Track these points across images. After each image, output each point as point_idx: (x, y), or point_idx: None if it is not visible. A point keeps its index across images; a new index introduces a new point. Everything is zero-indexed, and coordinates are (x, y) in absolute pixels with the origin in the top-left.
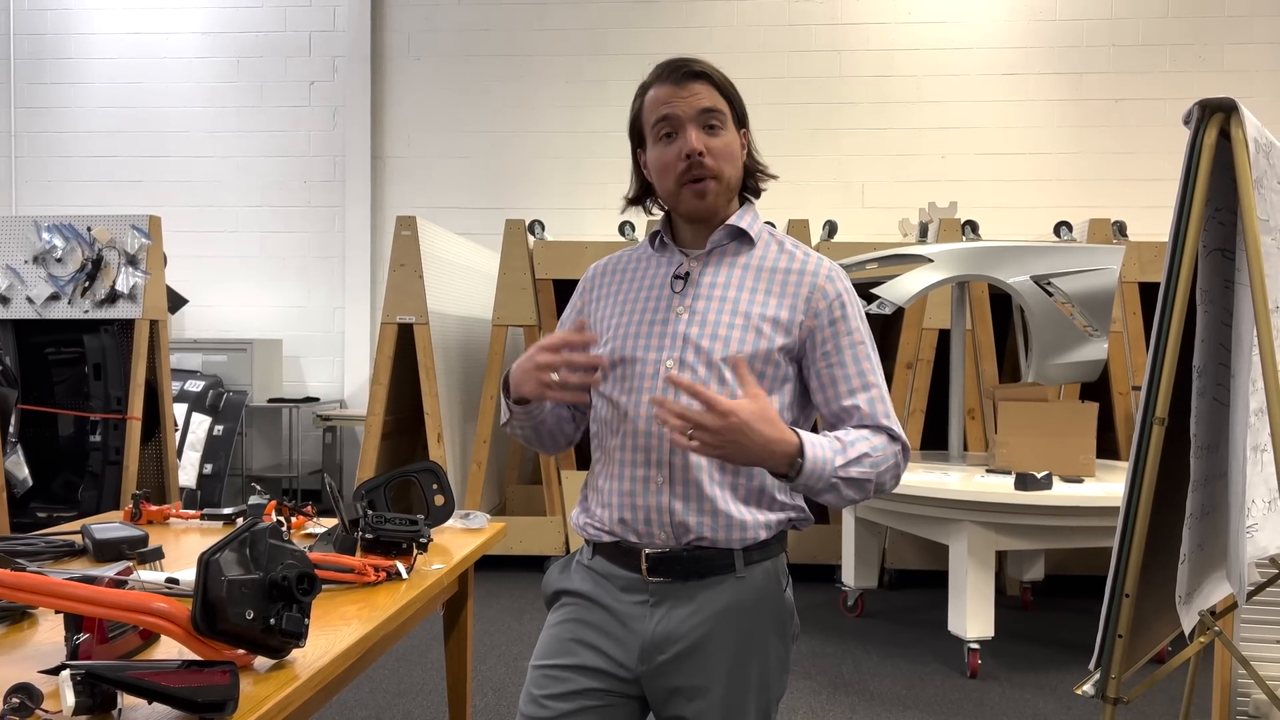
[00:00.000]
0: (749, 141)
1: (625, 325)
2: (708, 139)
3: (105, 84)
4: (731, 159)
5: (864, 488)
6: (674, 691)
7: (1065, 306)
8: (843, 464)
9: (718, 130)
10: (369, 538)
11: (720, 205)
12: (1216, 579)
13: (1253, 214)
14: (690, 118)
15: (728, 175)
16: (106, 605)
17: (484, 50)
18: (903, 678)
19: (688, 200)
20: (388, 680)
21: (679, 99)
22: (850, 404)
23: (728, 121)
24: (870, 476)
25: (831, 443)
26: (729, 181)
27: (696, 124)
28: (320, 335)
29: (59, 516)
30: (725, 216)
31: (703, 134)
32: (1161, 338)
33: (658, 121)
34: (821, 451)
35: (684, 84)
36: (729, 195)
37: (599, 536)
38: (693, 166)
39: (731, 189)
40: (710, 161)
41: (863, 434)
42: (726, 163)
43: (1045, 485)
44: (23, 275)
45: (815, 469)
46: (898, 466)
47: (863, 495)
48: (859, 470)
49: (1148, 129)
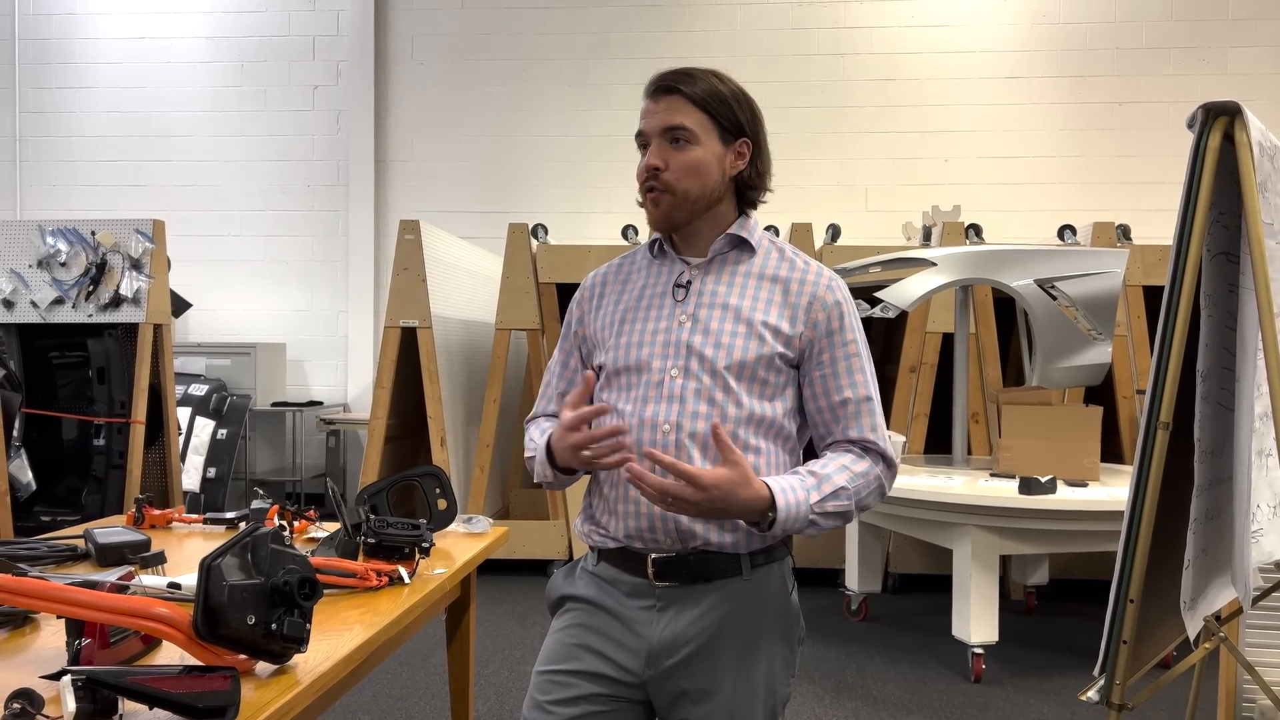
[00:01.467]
0: (749, 151)
1: (627, 334)
2: (671, 154)
3: (109, 88)
4: (694, 173)
5: (843, 518)
6: (681, 695)
7: (1069, 310)
8: (818, 501)
9: (683, 144)
10: (371, 542)
11: (675, 216)
12: (1221, 584)
13: (1257, 218)
14: (655, 133)
15: (684, 188)
16: (108, 610)
17: (487, 54)
18: (906, 682)
19: (647, 210)
20: (390, 685)
21: (650, 113)
22: (840, 414)
23: (699, 137)
24: (848, 508)
25: (804, 480)
26: (687, 195)
27: (662, 139)
28: (323, 339)
29: (62, 520)
30: (723, 225)
31: (665, 148)
32: (1166, 342)
33: (637, 134)
34: (793, 496)
35: (657, 98)
36: (690, 209)
37: (604, 543)
38: (649, 178)
39: (692, 201)
40: (667, 176)
41: (842, 462)
42: (687, 177)
43: (1049, 489)
44: (27, 279)
45: (788, 517)
46: (880, 486)
47: (843, 523)
48: (835, 504)
49: (1151, 132)
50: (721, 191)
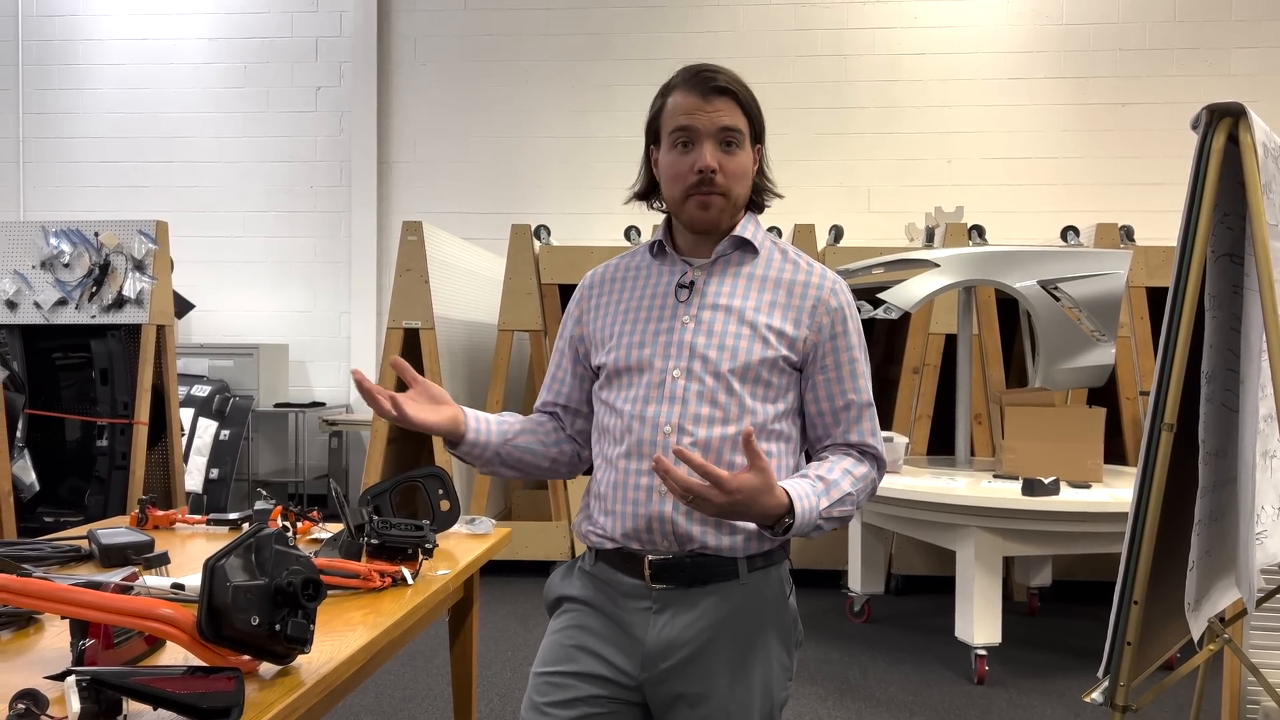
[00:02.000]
0: (761, 157)
1: (629, 334)
2: (723, 157)
3: (113, 90)
4: (743, 178)
5: (843, 522)
6: (677, 698)
7: (1072, 311)
8: (826, 506)
9: (734, 149)
10: (374, 543)
11: (723, 220)
12: (1225, 585)
13: (1261, 219)
14: (710, 134)
15: (736, 193)
16: (112, 611)
17: (489, 56)
18: (909, 684)
19: (691, 210)
20: (393, 686)
21: (702, 112)
22: (842, 418)
23: (745, 141)
24: (850, 512)
25: (814, 486)
26: (736, 199)
27: (715, 140)
28: (326, 340)
29: (66, 521)
30: (730, 228)
31: (719, 151)
32: (1170, 343)
33: (676, 129)
34: (807, 503)
35: (710, 98)
36: (733, 211)
37: (601, 543)
38: (703, 182)
39: (737, 206)
40: (721, 179)
41: (845, 465)
42: (737, 181)
43: (1053, 491)
44: (30, 280)
45: (801, 524)
46: (874, 487)
47: (840, 526)
48: (841, 510)
49: (1155, 133)
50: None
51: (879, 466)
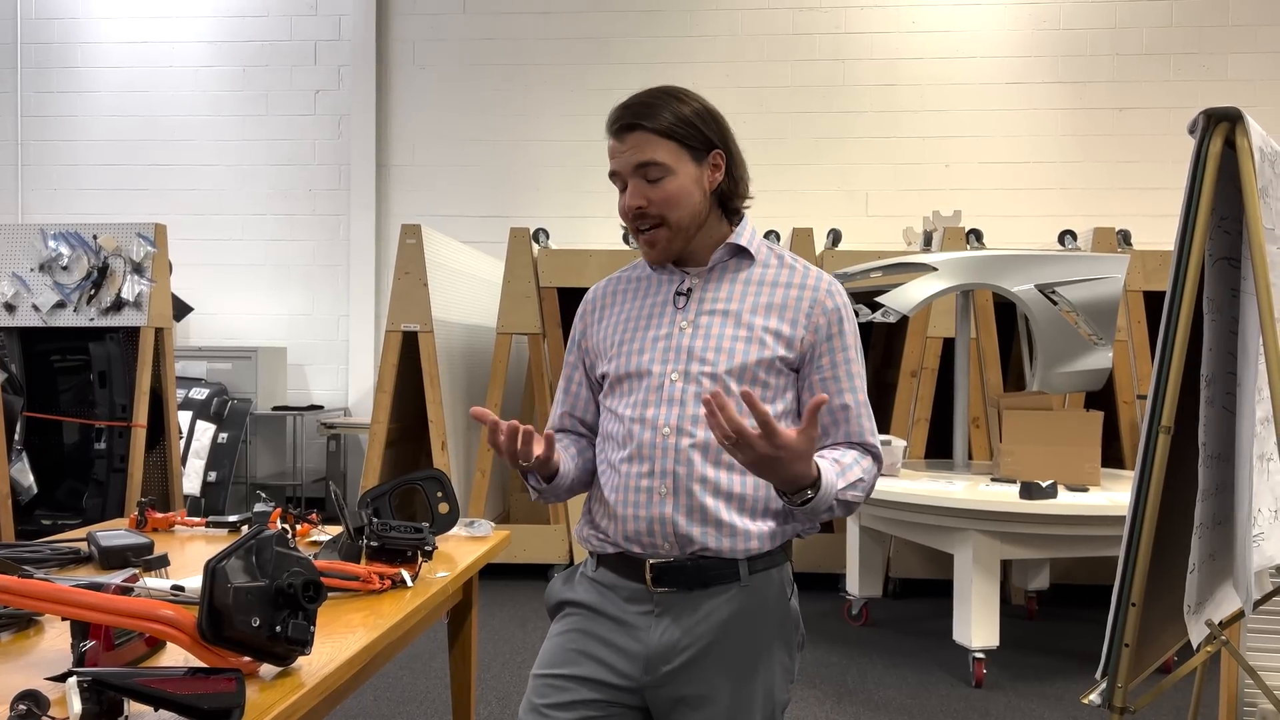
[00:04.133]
0: (725, 161)
1: (629, 341)
2: (648, 190)
3: (111, 93)
4: (676, 203)
5: (850, 509)
6: (679, 701)
7: (1070, 315)
8: (842, 488)
9: (659, 180)
10: (374, 545)
11: (674, 247)
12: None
13: (1258, 222)
14: (629, 172)
15: (674, 218)
16: (113, 612)
17: (488, 59)
18: (907, 687)
19: (643, 250)
20: (392, 688)
21: (619, 154)
22: (841, 418)
23: (672, 166)
24: (859, 499)
25: (832, 465)
26: (679, 222)
27: (636, 177)
28: (325, 343)
29: (64, 524)
30: (717, 236)
31: (643, 186)
32: (1167, 346)
33: (610, 174)
34: (829, 479)
35: (622, 137)
36: (685, 236)
37: (603, 548)
38: (636, 219)
39: (686, 227)
40: (653, 211)
41: (853, 454)
42: (671, 208)
43: (1050, 494)
44: (29, 283)
45: (822, 496)
46: (875, 484)
47: (845, 514)
48: (853, 494)
49: (1152, 138)
50: (708, 208)
51: (879, 464)
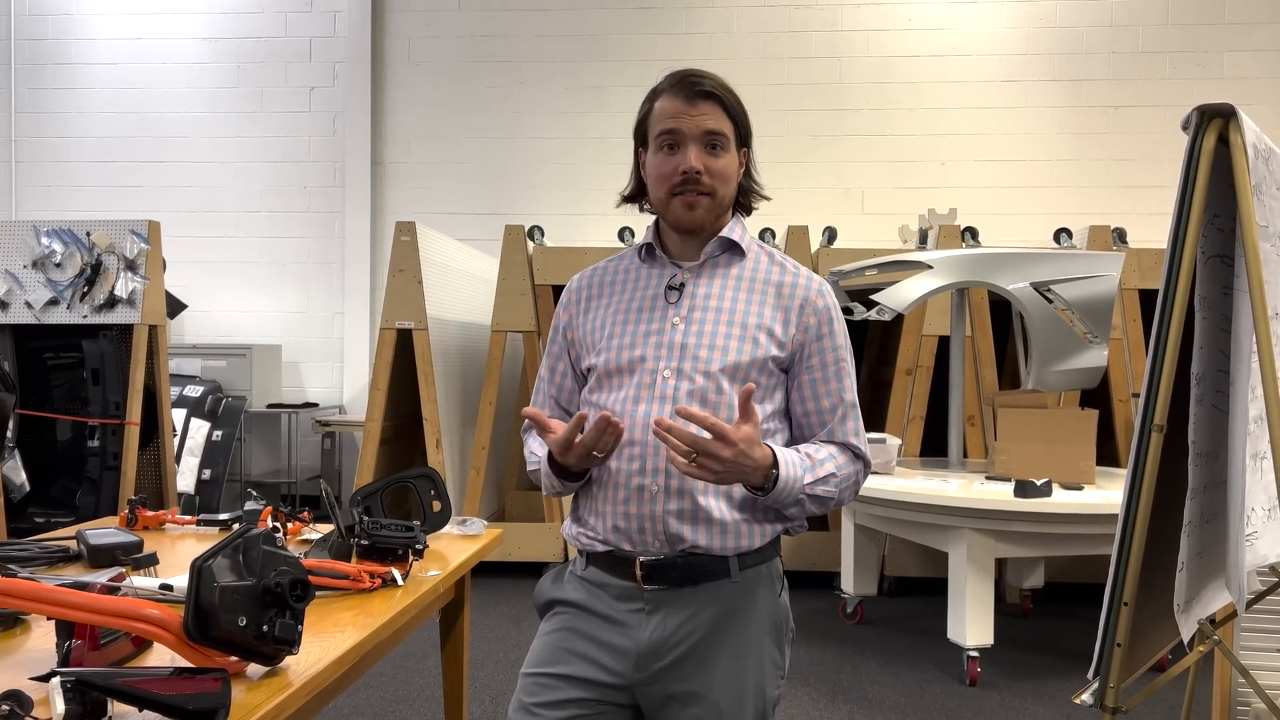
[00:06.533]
0: (748, 160)
1: (620, 335)
2: (708, 159)
3: (105, 89)
4: (728, 180)
5: (826, 504)
6: (670, 698)
7: (1065, 313)
8: (810, 481)
9: (719, 151)
10: (365, 544)
11: (708, 220)
12: (1216, 587)
13: (1251, 220)
14: (694, 137)
15: (721, 194)
16: (98, 612)
17: (484, 57)
18: (902, 685)
19: (677, 210)
20: (383, 687)
21: (686, 116)
22: (828, 418)
23: (730, 144)
24: (833, 495)
25: (802, 460)
26: (722, 200)
27: (699, 143)
28: (319, 341)
29: (57, 521)
30: (716, 229)
31: (704, 153)
32: (1160, 344)
33: (663, 133)
34: (792, 470)
35: (694, 102)
36: (719, 212)
37: (592, 546)
38: (688, 182)
39: (723, 206)
40: (707, 180)
41: (830, 451)
42: (722, 183)
43: (1045, 492)
44: (22, 280)
45: (786, 486)
46: (858, 484)
47: (823, 511)
48: (824, 489)
49: (1147, 136)
50: (733, 197)
51: (864, 465)
